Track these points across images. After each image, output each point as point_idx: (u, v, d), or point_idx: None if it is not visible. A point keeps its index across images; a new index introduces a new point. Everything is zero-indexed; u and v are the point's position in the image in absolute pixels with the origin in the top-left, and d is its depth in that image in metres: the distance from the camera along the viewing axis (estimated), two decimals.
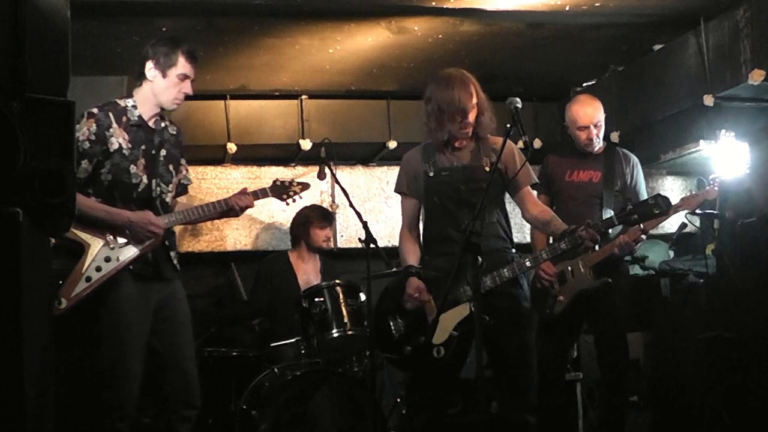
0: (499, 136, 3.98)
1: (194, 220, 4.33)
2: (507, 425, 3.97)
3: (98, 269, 3.94)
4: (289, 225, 6.16)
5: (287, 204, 4.63)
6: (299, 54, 5.59)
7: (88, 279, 3.93)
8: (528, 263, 3.98)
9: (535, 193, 4.26)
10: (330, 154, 5.21)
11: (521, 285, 4.10)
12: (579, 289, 4.73)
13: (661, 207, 3.76)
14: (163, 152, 4.18)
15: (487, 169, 4.03)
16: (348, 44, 5.45)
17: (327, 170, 5.17)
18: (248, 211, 6.42)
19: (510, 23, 5.23)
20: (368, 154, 6.86)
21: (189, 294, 5.87)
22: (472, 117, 4.03)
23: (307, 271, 5.90)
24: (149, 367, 4.14)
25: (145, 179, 4.08)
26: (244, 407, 4.72)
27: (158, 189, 4.14)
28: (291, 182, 4.59)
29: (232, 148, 6.28)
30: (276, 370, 4.88)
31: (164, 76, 4.06)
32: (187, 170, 4.41)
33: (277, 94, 6.43)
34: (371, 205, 6.79)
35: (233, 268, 6.43)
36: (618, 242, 4.71)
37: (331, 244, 6.10)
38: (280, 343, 5.25)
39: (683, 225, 5.17)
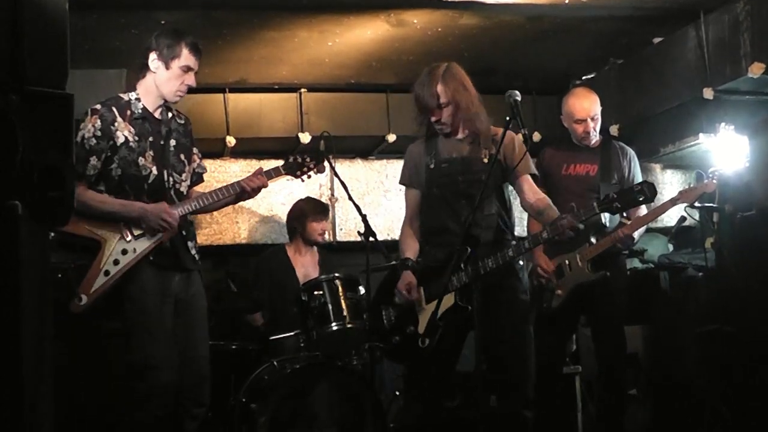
0: (500, 127, 3.99)
1: (209, 206, 4.26)
2: (503, 419, 3.98)
3: (116, 262, 3.94)
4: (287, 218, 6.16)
5: (302, 180, 4.56)
6: (298, 47, 5.58)
7: (107, 273, 3.92)
8: (510, 252, 3.96)
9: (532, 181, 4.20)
10: (329, 148, 5.20)
11: (520, 278, 4.10)
12: (576, 282, 4.74)
13: (646, 194, 3.68)
14: (172, 142, 4.17)
15: (486, 160, 4.03)
16: (347, 37, 5.45)
17: (326, 163, 5.16)
18: (247, 204, 6.55)
19: (509, 16, 5.22)
20: (367, 148, 6.85)
21: None
22: (439, 115, 4.06)
23: (306, 265, 5.90)
24: None
25: (155, 170, 4.06)
26: (244, 400, 4.72)
27: (171, 179, 4.13)
28: (304, 158, 4.53)
29: (231, 141, 6.28)
30: (275, 363, 4.88)
31: (167, 67, 4.05)
32: (200, 158, 4.40)
33: (276, 87, 6.42)
34: (370, 199, 6.79)
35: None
36: (616, 236, 4.71)
37: (327, 237, 6.08)
38: (279, 336, 5.25)
39: (682, 218, 5.17)
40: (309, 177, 4.57)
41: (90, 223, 3.92)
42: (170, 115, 4.20)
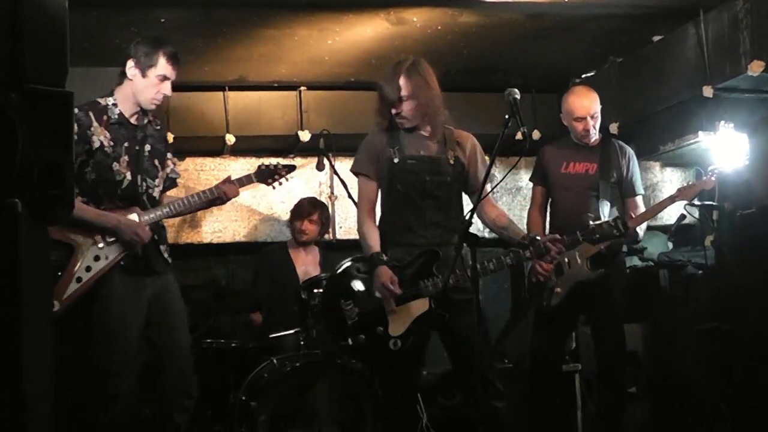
0: (463, 130, 4.14)
1: (180, 212, 4.35)
2: (476, 414, 3.97)
3: (88, 269, 3.99)
4: (288, 216, 6.16)
5: (273, 188, 4.61)
6: (298, 45, 5.58)
7: (79, 279, 3.97)
8: (492, 267, 3.95)
9: (490, 193, 4.16)
10: (329, 145, 5.22)
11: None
12: (576, 280, 4.73)
13: (620, 230, 4.11)
14: (147, 148, 4.22)
15: (451, 162, 4.06)
16: (347, 35, 5.44)
17: (326, 161, 5.17)
18: (248, 203, 6.56)
19: (509, 14, 5.22)
20: None
21: (188, 285, 5.89)
22: (400, 108, 4.03)
23: (306, 263, 5.90)
24: (149, 359, 4.17)
25: (128, 176, 4.12)
26: (243, 398, 4.72)
27: (144, 184, 4.18)
28: (276, 165, 4.57)
29: (230, 139, 6.27)
30: (275, 361, 4.88)
31: (144, 75, 4.11)
32: (174, 164, 4.46)
33: (275, 85, 6.42)
34: None
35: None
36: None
37: (308, 238, 5.99)
38: (279, 334, 5.25)
39: (682, 216, 5.17)
40: (281, 184, 4.61)
41: (64, 228, 3.95)
42: (146, 120, 4.25)
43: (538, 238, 4.02)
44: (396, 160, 4.06)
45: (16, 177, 2.24)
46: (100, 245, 4.01)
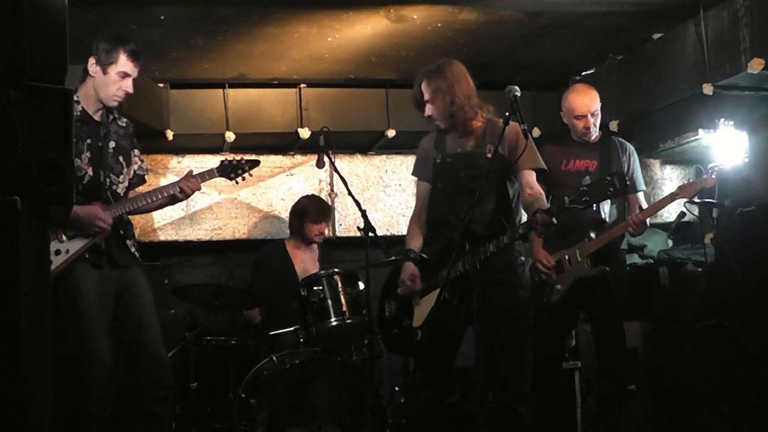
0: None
1: (142, 208, 4.36)
2: (497, 414, 3.98)
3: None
4: (287, 214, 6.16)
5: (236, 183, 4.63)
6: (298, 42, 5.57)
7: None
8: (492, 248, 3.91)
9: (534, 175, 4.11)
10: (329, 143, 5.20)
11: (519, 274, 4.09)
12: (576, 277, 4.74)
13: (615, 185, 3.58)
14: (111, 144, 4.27)
15: (489, 155, 4.01)
16: (347, 33, 5.44)
17: (326, 159, 5.16)
18: (247, 200, 6.56)
19: (509, 12, 5.21)
20: (367, 143, 6.85)
21: (188, 283, 5.90)
22: (426, 111, 4.17)
23: (305, 260, 5.90)
24: (120, 354, 4.20)
25: (90, 172, 4.16)
26: (243, 396, 4.72)
27: (108, 180, 4.22)
28: (240, 160, 4.59)
29: (230, 136, 6.27)
30: (275, 358, 4.88)
31: (104, 72, 4.16)
32: (142, 161, 4.50)
33: (275, 82, 6.41)
34: (370, 194, 6.79)
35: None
36: (627, 223, 4.70)
37: (328, 234, 6.06)
38: (278, 331, 5.25)
39: (682, 214, 5.17)
40: (243, 179, 4.61)
41: None
42: (111, 117, 4.30)
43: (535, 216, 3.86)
44: (438, 160, 4.20)
45: (15, 174, 2.24)
46: (62, 239, 4.03)
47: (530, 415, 4.03)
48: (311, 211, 5.93)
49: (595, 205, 4.66)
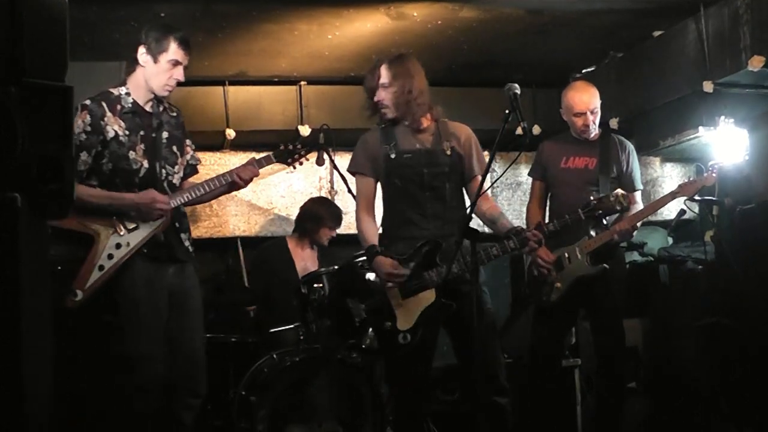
0: (459, 122, 4.15)
1: (201, 197, 4.29)
2: (479, 409, 3.97)
3: (110, 257, 3.97)
4: (287, 211, 6.15)
5: (294, 168, 4.59)
6: (298, 40, 5.57)
7: (101, 268, 3.95)
8: (495, 252, 3.91)
9: (487, 183, 4.07)
10: (329, 140, 5.21)
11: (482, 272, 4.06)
12: (576, 275, 4.73)
13: (622, 204, 4.03)
14: (164, 135, 4.19)
15: (448, 153, 4.05)
16: (347, 30, 5.44)
17: (326, 156, 5.16)
18: (247, 197, 6.56)
19: (509, 9, 5.21)
20: None
21: None
22: (380, 96, 4.10)
23: (305, 258, 5.90)
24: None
25: (145, 164, 4.09)
26: (243, 393, 4.73)
27: (163, 171, 4.15)
28: (296, 146, 4.55)
29: (230, 134, 6.28)
30: (275, 356, 4.88)
31: (155, 61, 4.07)
32: (194, 150, 4.41)
33: (275, 80, 6.41)
34: None
35: (239, 251, 6.42)
36: (617, 229, 4.72)
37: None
38: (279, 329, 5.25)
39: (682, 212, 5.17)
40: (301, 164, 4.59)
41: (82, 218, 3.94)
42: (161, 107, 4.22)
43: (522, 228, 4.02)
44: (392, 156, 4.08)
45: (15, 171, 2.24)
46: (122, 233, 3.99)
47: (511, 406, 4.02)
48: (328, 218, 5.92)
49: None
